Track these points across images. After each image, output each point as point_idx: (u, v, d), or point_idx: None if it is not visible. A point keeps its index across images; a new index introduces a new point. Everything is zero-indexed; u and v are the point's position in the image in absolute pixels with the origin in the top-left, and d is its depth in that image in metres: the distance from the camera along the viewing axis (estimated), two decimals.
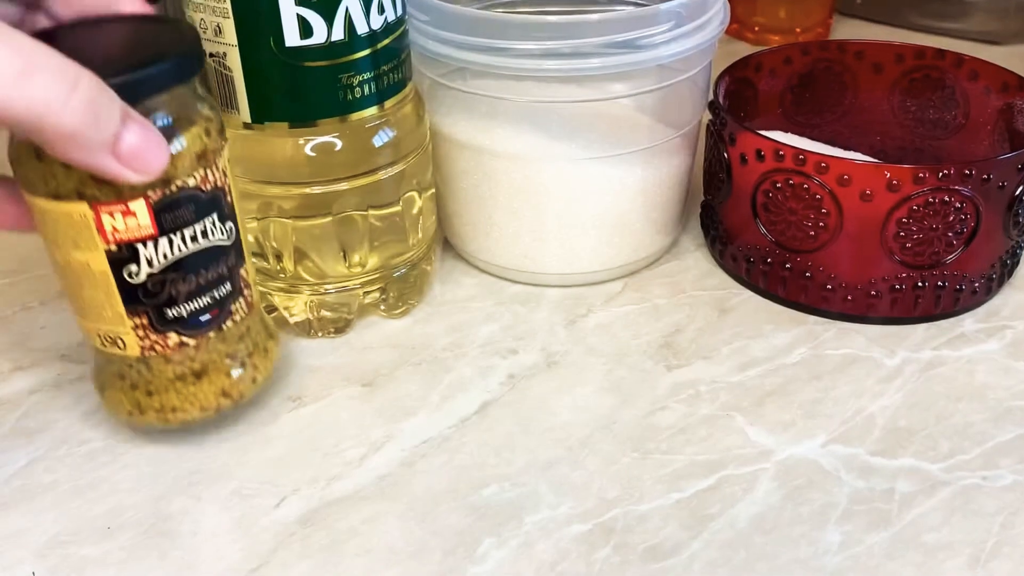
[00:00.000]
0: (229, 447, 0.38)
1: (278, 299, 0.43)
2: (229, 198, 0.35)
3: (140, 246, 0.32)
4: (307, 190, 0.40)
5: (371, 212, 0.42)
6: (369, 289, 0.44)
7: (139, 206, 0.32)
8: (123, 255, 0.32)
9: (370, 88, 0.39)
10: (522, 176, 0.44)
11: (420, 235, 0.44)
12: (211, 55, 0.38)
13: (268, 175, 0.39)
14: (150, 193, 0.32)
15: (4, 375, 0.42)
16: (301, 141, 0.39)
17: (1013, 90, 0.47)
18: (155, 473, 0.37)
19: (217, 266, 0.35)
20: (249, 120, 0.38)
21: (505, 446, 0.37)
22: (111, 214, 0.31)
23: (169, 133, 0.32)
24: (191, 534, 0.34)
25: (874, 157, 0.50)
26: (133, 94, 0.30)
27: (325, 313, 0.43)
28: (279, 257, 0.42)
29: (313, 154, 0.39)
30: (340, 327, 0.44)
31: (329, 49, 0.37)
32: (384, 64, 0.39)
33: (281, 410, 0.40)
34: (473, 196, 0.46)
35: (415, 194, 0.43)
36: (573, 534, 0.33)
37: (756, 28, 0.77)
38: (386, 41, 0.39)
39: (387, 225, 0.43)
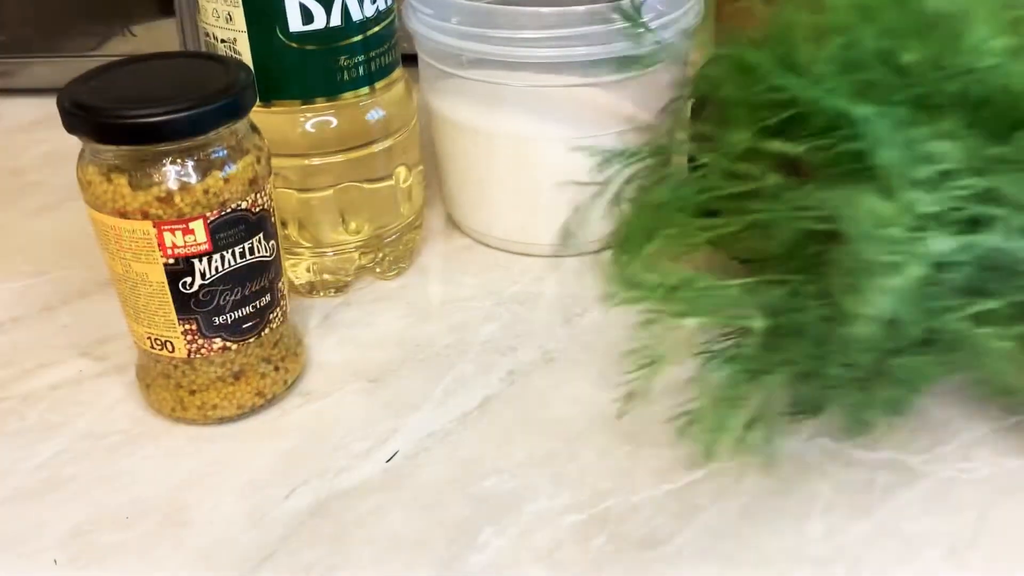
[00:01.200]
0: (242, 440, 0.38)
1: (285, 264, 0.45)
2: (273, 219, 0.37)
3: (196, 260, 0.34)
4: (306, 162, 0.43)
5: (365, 184, 0.44)
6: (365, 251, 0.46)
7: (198, 226, 0.34)
8: (180, 268, 0.34)
9: (363, 70, 0.42)
10: (518, 155, 0.46)
11: (410, 205, 0.47)
12: (222, 41, 0.40)
13: (275, 148, 0.42)
14: (208, 214, 0.34)
15: (28, 371, 0.42)
16: (302, 119, 0.42)
17: None
18: (172, 465, 0.37)
19: (260, 280, 0.37)
20: (257, 99, 0.40)
21: (505, 439, 0.38)
22: (172, 232, 0.33)
23: (225, 161, 0.34)
24: (206, 523, 0.34)
25: None
26: (197, 127, 0.33)
27: (326, 276, 0.46)
28: (284, 224, 0.44)
29: (312, 130, 0.42)
30: (340, 287, 0.46)
31: (327, 34, 0.40)
32: (374, 49, 0.42)
33: (291, 405, 0.40)
34: (473, 175, 0.48)
35: (404, 168, 0.46)
36: (569, 523, 0.34)
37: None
38: (377, 28, 0.42)
39: (380, 196, 0.45)
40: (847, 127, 0.24)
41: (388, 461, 0.37)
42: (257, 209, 0.36)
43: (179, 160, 0.33)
